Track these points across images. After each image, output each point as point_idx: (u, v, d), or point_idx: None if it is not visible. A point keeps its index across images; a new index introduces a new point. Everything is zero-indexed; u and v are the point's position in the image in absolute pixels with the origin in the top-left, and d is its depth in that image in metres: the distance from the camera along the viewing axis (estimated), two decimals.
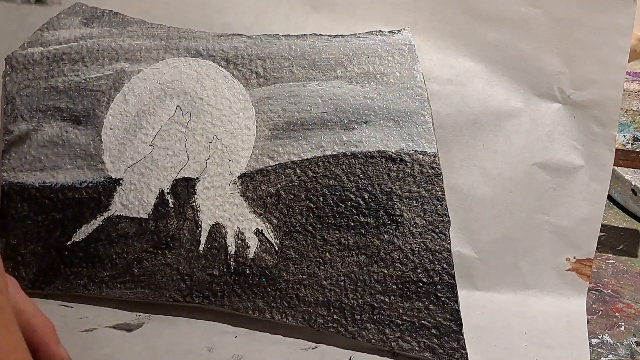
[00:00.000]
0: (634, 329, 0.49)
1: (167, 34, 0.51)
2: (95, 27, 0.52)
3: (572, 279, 0.50)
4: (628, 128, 0.63)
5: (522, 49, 0.48)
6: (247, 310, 0.46)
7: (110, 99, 0.50)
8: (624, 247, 0.59)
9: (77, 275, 0.49)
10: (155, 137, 0.50)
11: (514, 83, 0.49)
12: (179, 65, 0.50)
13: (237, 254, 0.47)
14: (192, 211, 0.48)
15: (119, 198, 0.49)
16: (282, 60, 0.49)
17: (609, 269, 0.56)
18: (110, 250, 0.49)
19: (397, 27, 0.50)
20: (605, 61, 0.47)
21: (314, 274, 0.46)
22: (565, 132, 0.49)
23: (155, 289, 0.48)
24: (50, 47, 0.52)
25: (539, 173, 0.50)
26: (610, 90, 0.47)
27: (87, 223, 0.49)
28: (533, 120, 0.49)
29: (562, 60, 0.48)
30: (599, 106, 0.48)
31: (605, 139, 0.48)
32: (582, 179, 0.49)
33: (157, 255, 0.48)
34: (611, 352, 0.46)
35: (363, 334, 0.45)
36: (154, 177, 0.49)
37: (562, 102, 0.49)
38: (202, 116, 0.49)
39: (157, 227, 0.48)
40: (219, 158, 0.49)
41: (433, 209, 0.46)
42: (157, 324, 0.48)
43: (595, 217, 0.49)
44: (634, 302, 0.52)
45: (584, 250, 0.50)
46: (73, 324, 0.48)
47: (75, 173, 0.50)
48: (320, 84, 0.49)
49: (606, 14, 0.46)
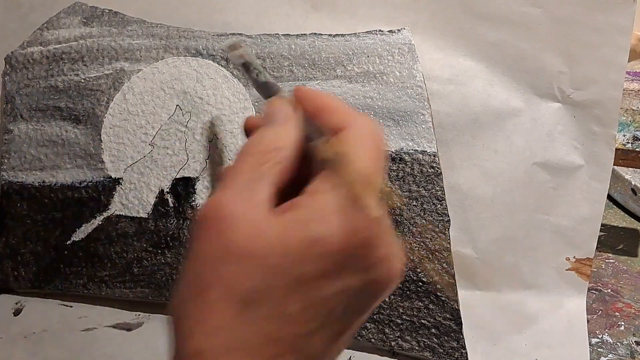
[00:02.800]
0: (634, 328, 0.49)
1: (166, 33, 0.51)
2: (95, 27, 0.52)
3: (572, 278, 0.50)
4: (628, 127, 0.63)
5: (522, 48, 0.48)
6: None
7: (110, 98, 0.50)
8: (624, 246, 0.59)
9: (76, 275, 0.49)
10: (155, 136, 0.49)
11: (514, 83, 0.49)
12: (179, 64, 0.50)
13: None
14: (192, 210, 0.48)
15: (119, 197, 0.49)
16: (282, 59, 0.49)
17: (609, 269, 0.56)
18: (110, 249, 0.49)
19: (398, 27, 0.50)
20: (605, 61, 0.47)
21: None
22: (565, 131, 0.49)
23: (155, 288, 0.48)
24: (50, 46, 0.52)
25: (539, 172, 0.49)
26: (610, 90, 0.47)
27: (86, 222, 0.49)
28: (533, 120, 0.49)
29: (562, 60, 0.48)
30: (599, 106, 0.48)
31: (605, 138, 0.48)
32: (582, 178, 0.49)
33: (157, 255, 0.48)
34: (611, 352, 0.46)
35: (363, 333, 0.45)
36: (153, 176, 0.49)
37: (562, 102, 0.49)
38: (202, 115, 0.49)
39: (156, 226, 0.48)
40: (218, 157, 0.49)
41: (433, 208, 0.46)
42: (156, 324, 0.48)
43: (595, 216, 0.49)
44: (634, 302, 0.52)
45: (584, 250, 0.50)
46: (73, 323, 0.48)
47: (75, 172, 0.50)
48: (320, 83, 0.49)
49: (606, 13, 0.46)
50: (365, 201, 0.24)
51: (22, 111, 0.51)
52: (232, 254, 0.24)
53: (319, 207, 0.25)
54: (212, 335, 0.24)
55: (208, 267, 0.25)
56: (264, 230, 0.25)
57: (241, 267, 0.24)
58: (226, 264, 0.24)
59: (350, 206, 0.25)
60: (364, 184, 0.25)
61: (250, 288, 0.24)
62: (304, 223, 0.25)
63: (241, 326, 0.24)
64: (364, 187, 0.25)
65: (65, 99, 0.51)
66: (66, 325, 0.47)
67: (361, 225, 0.24)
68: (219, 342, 0.24)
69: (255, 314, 0.24)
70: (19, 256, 0.50)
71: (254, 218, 0.25)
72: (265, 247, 0.24)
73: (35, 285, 0.49)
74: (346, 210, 0.25)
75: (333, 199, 0.25)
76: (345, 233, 0.24)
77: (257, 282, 0.24)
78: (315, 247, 0.24)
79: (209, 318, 0.24)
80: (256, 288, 0.24)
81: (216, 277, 0.25)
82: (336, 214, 0.24)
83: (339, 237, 0.24)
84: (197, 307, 0.25)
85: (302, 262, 0.24)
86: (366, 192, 0.25)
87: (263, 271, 0.24)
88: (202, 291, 0.25)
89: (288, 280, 0.24)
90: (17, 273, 0.49)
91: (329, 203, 0.25)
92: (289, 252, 0.24)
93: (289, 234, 0.24)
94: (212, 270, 0.25)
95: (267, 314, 0.24)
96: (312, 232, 0.24)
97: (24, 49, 0.52)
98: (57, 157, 0.50)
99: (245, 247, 0.24)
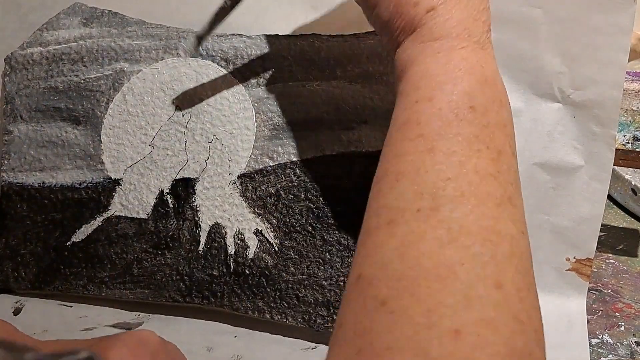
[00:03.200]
0: (634, 328, 0.49)
1: (166, 34, 0.51)
2: (95, 27, 0.52)
3: (572, 278, 0.50)
4: (628, 128, 0.63)
5: (522, 48, 0.48)
6: (246, 310, 0.46)
7: (110, 99, 0.50)
8: (624, 247, 0.59)
9: (76, 276, 0.49)
10: (154, 137, 0.49)
11: (514, 83, 0.48)
12: (179, 65, 0.50)
13: (236, 255, 0.47)
14: (192, 211, 0.48)
15: (119, 198, 0.49)
16: (282, 60, 0.49)
17: (609, 269, 0.56)
18: (110, 250, 0.49)
19: None
20: (605, 61, 0.47)
21: (314, 274, 0.46)
22: (565, 131, 0.49)
23: (155, 289, 0.48)
24: (50, 47, 0.52)
25: (539, 173, 0.49)
26: (610, 90, 0.47)
27: (86, 223, 0.49)
28: (533, 120, 0.49)
29: (562, 60, 0.48)
30: (599, 106, 0.48)
31: (605, 138, 0.48)
32: (582, 178, 0.49)
33: (157, 256, 0.48)
34: (611, 352, 0.46)
35: None
36: (153, 177, 0.49)
37: (562, 102, 0.49)
38: (202, 116, 0.49)
39: (156, 227, 0.48)
40: (218, 158, 0.49)
41: None
42: (156, 324, 0.48)
43: (595, 216, 0.49)
44: (634, 302, 0.52)
45: (584, 250, 0.50)
46: (72, 323, 0.48)
47: (75, 173, 0.50)
48: (320, 84, 0.49)
49: (606, 14, 0.46)
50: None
51: (22, 112, 0.51)
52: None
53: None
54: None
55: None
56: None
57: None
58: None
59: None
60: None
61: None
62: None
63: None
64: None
65: (65, 100, 0.51)
66: (66, 325, 0.47)
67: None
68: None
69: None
70: (19, 257, 0.50)
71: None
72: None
73: (35, 286, 0.49)
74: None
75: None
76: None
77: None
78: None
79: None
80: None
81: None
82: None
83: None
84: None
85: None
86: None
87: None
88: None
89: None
90: (17, 274, 0.49)
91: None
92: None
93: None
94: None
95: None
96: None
97: (24, 50, 0.52)
98: (57, 158, 0.50)
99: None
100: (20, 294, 0.50)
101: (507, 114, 0.33)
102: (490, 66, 0.33)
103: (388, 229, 0.28)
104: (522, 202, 0.31)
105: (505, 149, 0.31)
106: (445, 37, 0.33)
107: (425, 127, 0.30)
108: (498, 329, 0.24)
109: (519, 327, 0.24)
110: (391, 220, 0.28)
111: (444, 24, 0.33)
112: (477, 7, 0.34)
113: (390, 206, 0.29)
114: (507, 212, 0.28)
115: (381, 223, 0.29)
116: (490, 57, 0.34)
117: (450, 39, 0.33)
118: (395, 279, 0.26)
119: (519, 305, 0.25)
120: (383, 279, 0.26)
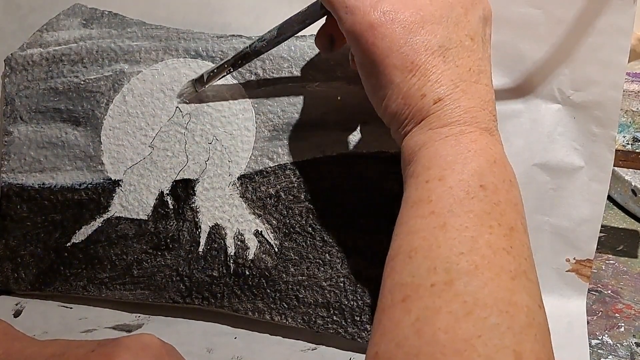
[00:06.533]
0: (634, 329, 0.49)
1: (166, 35, 0.51)
2: (95, 28, 0.52)
3: (572, 279, 0.50)
4: (628, 129, 0.63)
5: (522, 49, 0.48)
6: (246, 311, 0.46)
7: (110, 100, 0.50)
8: (624, 247, 0.59)
9: (76, 277, 0.49)
10: (154, 138, 0.49)
11: (513, 84, 0.48)
12: (179, 66, 0.50)
13: (236, 255, 0.47)
14: (192, 212, 0.48)
15: (119, 199, 0.49)
16: (282, 61, 0.49)
17: (609, 270, 0.56)
18: (110, 251, 0.49)
19: None
20: (605, 62, 0.47)
21: (314, 275, 0.46)
22: (565, 132, 0.49)
23: (155, 290, 0.48)
24: (50, 48, 0.52)
25: (538, 174, 0.49)
26: (610, 91, 0.47)
27: (86, 224, 0.49)
28: (533, 121, 0.49)
29: (562, 61, 0.48)
30: (599, 107, 0.48)
31: (605, 139, 0.48)
32: (582, 179, 0.49)
33: (157, 257, 0.48)
34: (611, 353, 0.46)
35: (363, 335, 0.45)
36: (153, 178, 0.49)
37: (562, 103, 0.49)
38: (202, 117, 0.49)
39: (156, 228, 0.48)
40: (218, 159, 0.49)
41: None
42: (156, 325, 0.48)
43: (595, 217, 0.49)
44: (634, 303, 0.52)
45: (584, 251, 0.50)
46: (72, 324, 0.48)
47: (75, 174, 0.50)
48: (319, 84, 0.49)
49: (606, 14, 0.46)
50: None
51: (22, 113, 0.51)
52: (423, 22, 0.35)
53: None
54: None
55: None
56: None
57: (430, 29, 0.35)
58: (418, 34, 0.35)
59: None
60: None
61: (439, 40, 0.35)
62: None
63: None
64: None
65: (65, 101, 0.51)
66: (66, 327, 0.47)
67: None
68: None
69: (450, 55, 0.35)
70: (19, 258, 0.50)
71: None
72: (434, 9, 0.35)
73: (35, 287, 0.49)
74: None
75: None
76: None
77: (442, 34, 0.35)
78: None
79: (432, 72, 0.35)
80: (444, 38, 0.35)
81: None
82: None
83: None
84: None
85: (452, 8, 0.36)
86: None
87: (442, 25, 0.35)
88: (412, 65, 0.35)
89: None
90: (17, 275, 0.49)
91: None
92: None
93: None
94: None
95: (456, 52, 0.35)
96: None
97: (24, 51, 0.52)
98: (57, 159, 0.50)
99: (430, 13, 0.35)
100: (20, 295, 0.50)
101: (517, 193, 0.34)
102: (499, 149, 0.34)
103: (403, 305, 0.28)
104: (537, 278, 0.31)
105: (517, 226, 0.31)
106: (454, 124, 0.34)
107: (437, 205, 0.31)
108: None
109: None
110: (406, 297, 0.28)
111: (451, 112, 0.34)
112: (484, 97, 0.35)
113: (404, 283, 0.29)
114: (522, 285, 0.29)
115: (396, 300, 0.29)
116: (498, 142, 0.35)
117: (458, 125, 0.34)
118: (412, 355, 0.26)
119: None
120: (400, 356, 0.26)
